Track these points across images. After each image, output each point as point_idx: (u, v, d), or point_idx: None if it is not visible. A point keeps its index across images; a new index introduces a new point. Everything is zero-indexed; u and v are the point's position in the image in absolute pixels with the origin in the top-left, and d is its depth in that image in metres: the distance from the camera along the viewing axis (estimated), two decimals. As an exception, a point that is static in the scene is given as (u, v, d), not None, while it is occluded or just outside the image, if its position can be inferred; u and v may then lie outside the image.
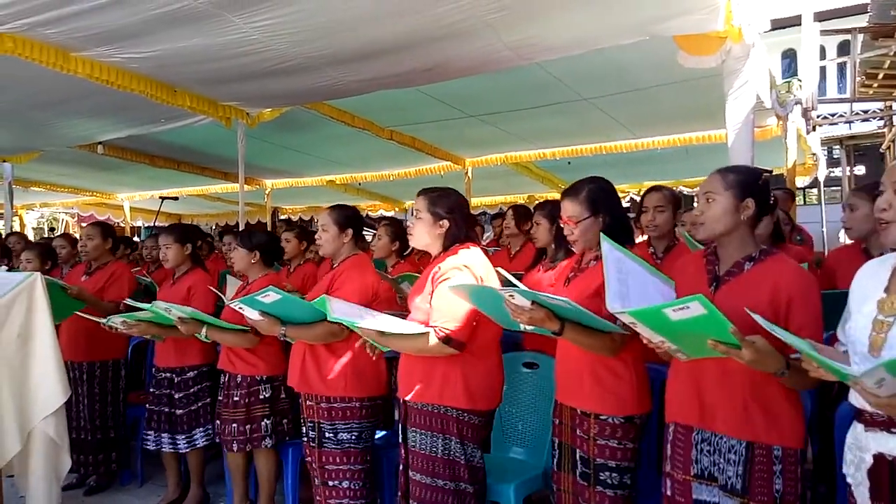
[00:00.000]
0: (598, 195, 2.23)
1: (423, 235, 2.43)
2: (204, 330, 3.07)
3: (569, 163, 7.31)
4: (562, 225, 2.30)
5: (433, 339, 2.24)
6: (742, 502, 1.78)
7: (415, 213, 2.46)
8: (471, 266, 2.31)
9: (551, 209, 3.34)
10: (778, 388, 1.77)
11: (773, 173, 6.08)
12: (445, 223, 2.39)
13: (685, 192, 8.34)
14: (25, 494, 3.17)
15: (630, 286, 1.87)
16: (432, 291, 2.33)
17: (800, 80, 5.56)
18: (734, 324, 1.55)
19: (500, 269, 2.21)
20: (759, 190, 1.86)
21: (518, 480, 2.59)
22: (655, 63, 4.32)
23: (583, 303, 1.96)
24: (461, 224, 2.41)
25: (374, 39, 3.60)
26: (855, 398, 1.54)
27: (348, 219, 2.87)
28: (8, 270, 4.14)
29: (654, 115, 5.81)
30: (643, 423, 2.19)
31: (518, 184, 9.02)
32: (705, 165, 2.12)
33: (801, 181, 7.31)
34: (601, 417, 2.15)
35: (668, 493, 1.93)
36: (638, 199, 3.19)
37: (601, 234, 2.03)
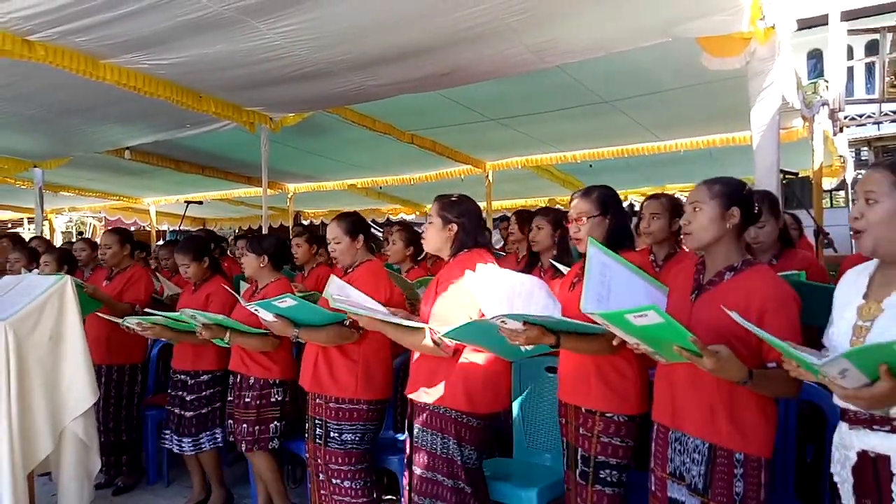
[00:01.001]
0: (608, 198, 2.33)
1: (433, 239, 2.53)
2: (227, 335, 3.12)
3: (590, 166, 7.27)
4: (569, 225, 2.35)
5: (427, 339, 2.35)
6: (703, 501, 1.83)
7: (427, 218, 2.56)
8: (470, 280, 2.34)
9: (555, 215, 3.40)
10: (747, 395, 1.79)
11: (799, 175, 6.00)
12: (454, 227, 2.48)
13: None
14: (58, 493, 3.24)
15: (612, 289, 1.94)
16: (436, 294, 2.43)
17: (826, 81, 5.47)
18: (708, 332, 1.64)
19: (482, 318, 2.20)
20: (743, 199, 1.91)
21: (541, 485, 2.59)
22: (678, 65, 4.29)
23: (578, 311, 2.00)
24: (470, 229, 2.49)
25: (395, 44, 3.63)
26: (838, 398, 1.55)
27: (356, 225, 2.92)
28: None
29: (676, 117, 5.75)
30: (642, 421, 2.24)
31: (539, 187, 9.00)
32: (729, 168, 2.12)
33: (827, 183, 7.19)
34: (607, 415, 2.21)
35: (652, 488, 2.01)
36: (638, 205, 3.19)
37: (589, 238, 2.11)
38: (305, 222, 11.77)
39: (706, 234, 1.90)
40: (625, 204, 7.70)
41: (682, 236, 2.01)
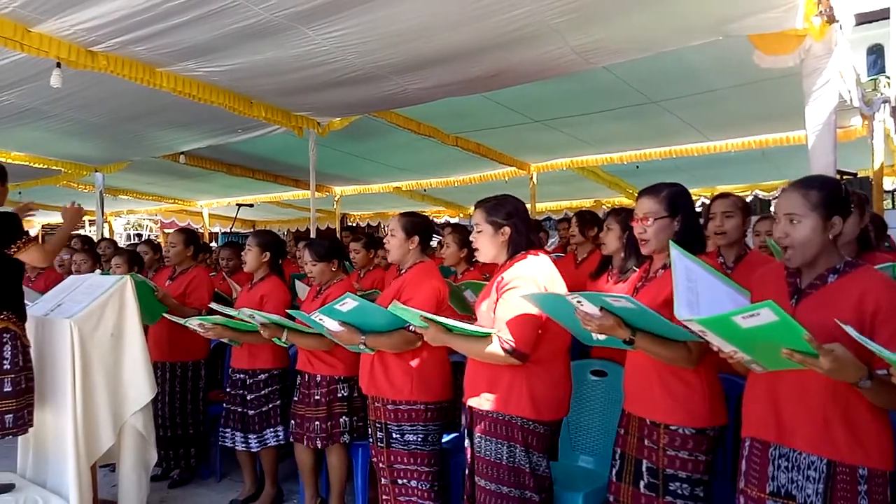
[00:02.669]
0: (677, 198, 2.19)
1: (488, 247, 2.42)
2: (284, 334, 3.18)
3: (637, 167, 7.16)
4: (634, 224, 2.24)
5: (496, 348, 2.25)
6: None
7: (475, 228, 2.45)
8: (535, 275, 2.31)
9: (625, 216, 3.28)
10: (862, 404, 1.67)
11: (858, 175, 5.76)
12: (507, 230, 2.38)
13: (761, 197, 8.02)
14: (118, 484, 3.39)
15: (700, 294, 1.81)
16: (497, 300, 2.34)
17: (888, 77, 5.24)
18: (819, 338, 1.48)
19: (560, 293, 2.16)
20: (842, 203, 1.78)
21: (587, 490, 2.57)
22: (729, 63, 4.19)
23: (652, 311, 1.92)
24: (522, 228, 2.40)
25: (440, 47, 3.65)
26: None
27: (416, 226, 2.91)
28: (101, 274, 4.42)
29: (727, 116, 5.62)
30: (717, 435, 2.12)
31: (585, 189, 8.91)
32: (783, 169, 2.05)
33: (889, 183, 6.90)
34: (671, 428, 2.10)
35: None
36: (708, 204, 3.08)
37: (670, 241, 1.98)
38: (352, 225, 11.95)
39: (810, 250, 1.76)
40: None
41: (784, 251, 1.86)
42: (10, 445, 3.38)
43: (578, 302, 1.95)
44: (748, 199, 8.32)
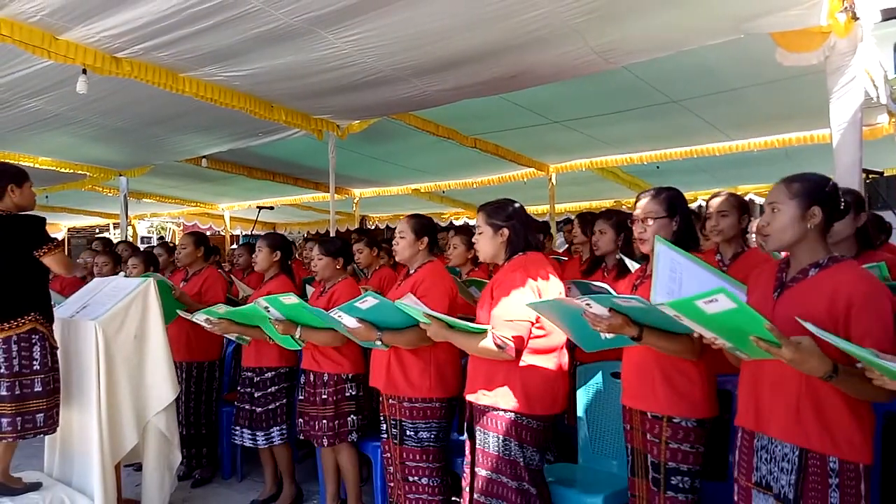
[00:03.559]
0: (676, 200, 2.29)
1: (487, 247, 2.56)
2: (298, 330, 3.20)
3: (658, 167, 7.09)
4: (633, 224, 2.31)
5: (489, 343, 2.37)
6: None
7: (476, 230, 2.59)
8: (529, 277, 2.40)
9: (617, 218, 3.37)
10: (837, 395, 1.67)
11: (885, 174, 5.65)
12: (505, 231, 2.52)
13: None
14: (142, 483, 3.43)
15: (683, 283, 1.90)
16: (492, 299, 2.45)
17: (916, 74, 5.14)
18: (793, 330, 1.54)
19: (573, 282, 2.23)
20: (826, 197, 1.81)
21: (607, 492, 2.55)
22: (751, 61, 4.14)
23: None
24: (520, 230, 2.52)
25: (459, 49, 3.66)
26: None
27: (424, 227, 2.99)
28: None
29: (749, 115, 5.54)
30: (711, 426, 2.18)
31: (604, 189, 8.85)
32: (807, 168, 2.02)
33: (917, 182, 6.76)
34: (674, 420, 2.16)
35: (735, 499, 1.91)
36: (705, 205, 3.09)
37: (656, 236, 2.08)
38: (371, 226, 12.00)
39: (785, 236, 1.82)
40: (695, 205, 7.47)
41: (761, 237, 1.93)
42: (38, 445, 3.44)
43: (588, 305, 2.01)
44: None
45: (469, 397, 2.54)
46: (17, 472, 3.17)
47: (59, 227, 13.35)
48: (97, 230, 14.14)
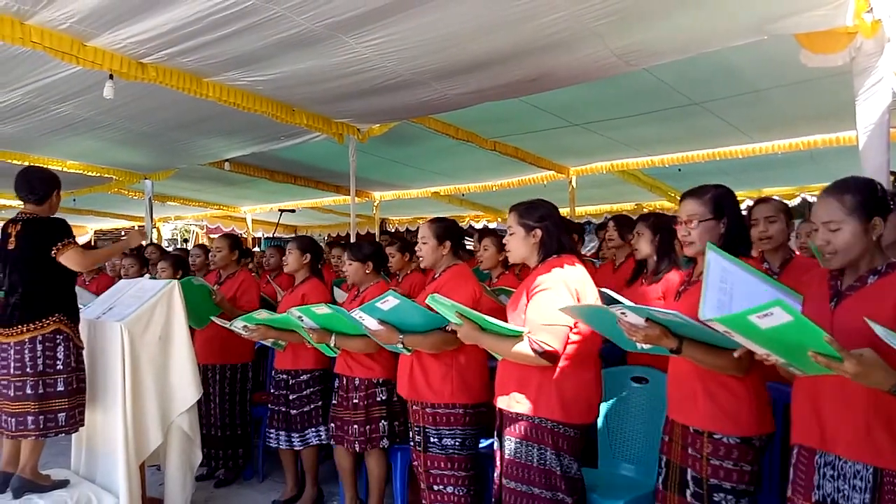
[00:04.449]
0: (723, 199, 2.14)
1: (519, 248, 2.48)
2: (332, 338, 3.21)
3: (679, 170, 7.03)
4: (678, 227, 2.21)
5: (526, 348, 2.27)
6: None
7: (508, 230, 2.51)
8: (566, 278, 2.32)
9: (654, 221, 3.31)
10: None
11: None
12: (538, 232, 2.43)
13: (810, 199, 7.77)
14: (164, 483, 3.48)
15: (735, 297, 1.76)
16: (527, 303, 2.36)
17: (946, 74, 5.03)
18: (855, 341, 1.44)
19: (605, 289, 2.18)
20: (881, 203, 1.73)
21: (627, 497, 2.54)
22: (774, 62, 4.08)
23: (694, 317, 1.87)
24: (553, 232, 2.44)
25: (479, 52, 3.66)
26: None
27: (446, 231, 2.96)
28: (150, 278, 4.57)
29: (773, 117, 5.46)
30: (763, 445, 2.06)
31: (625, 192, 8.78)
32: (832, 170, 1.99)
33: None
34: (715, 436, 2.04)
35: None
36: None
37: (708, 242, 1.95)
38: (391, 229, 12.04)
39: (852, 253, 1.72)
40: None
41: (822, 257, 1.81)
42: (65, 444, 3.51)
43: (623, 313, 1.93)
44: (796, 202, 8.08)
45: (499, 404, 2.44)
46: (46, 469, 3.24)
47: (85, 229, 13.60)
48: (122, 233, 14.36)
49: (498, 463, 2.46)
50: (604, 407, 2.90)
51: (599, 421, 2.90)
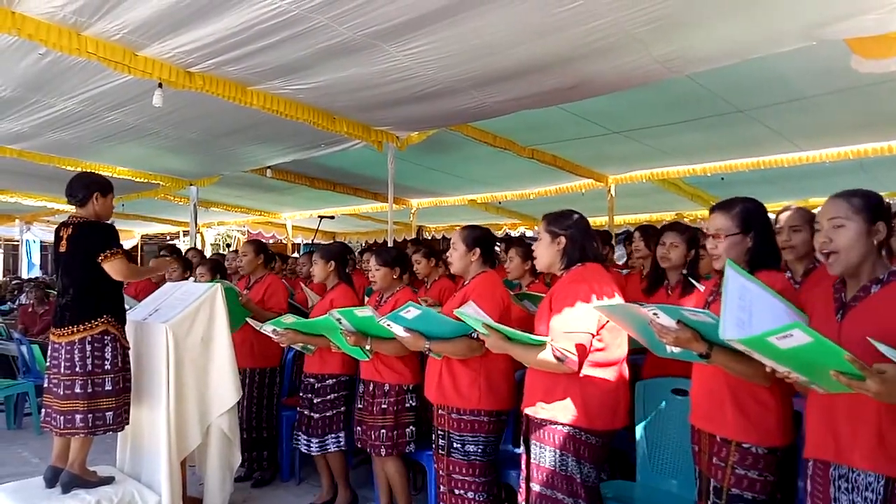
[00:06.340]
0: (751, 214, 2.14)
1: (544, 255, 2.55)
2: (369, 343, 3.24)
3: (722, 178, 6.88)
4: (705, 240, 2.22)
5: (548, 355, 2.32)
6: None
7: (537, 237, 2.58)
8: (589, 287, 2.36)
9: (691, 234, 3.25)
10: None
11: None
12: (562, 240, 2.49)
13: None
14: (204, 482, 3.55)
15: (754, 314, 1.76)
16: (550, 311, 2.41)
17: None
18: (863, 353, 1.43)
19: (636, 303, 2.17)
20: (886, 213, 1.75)
21: (666, 511, 2.48)
22: (823, 69, 3.98)
23: None
24: (578, 239, 2.49)
25: (519, 60, 3.66)
26: None
27: (476, 239, 2.98)
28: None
29: (821, 125, 5.31)
30: (784, 455, 2.06)
31: (665, 201, 8.64)
32: (883, 180, 1.94)
33: None
34: (743, 446, 2.04)
35: None
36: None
37: (727, 260, 1.95)
38: (427, 237, 12.09)
39: (854, 254, 1.74)
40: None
41: (825, 258, 1.82)
42: (111, 441, 3.61)
43: (655, 314, 1.93)
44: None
45: (527, 410, 2.49)
46: (93, 465, 3.33)
47: (132, 233, 14.03)
48: (168, 237, 14.77)
49: (524, 467, 2.51)
50: (642, 418, 2.86)
51: (637, 433, 2.86)
